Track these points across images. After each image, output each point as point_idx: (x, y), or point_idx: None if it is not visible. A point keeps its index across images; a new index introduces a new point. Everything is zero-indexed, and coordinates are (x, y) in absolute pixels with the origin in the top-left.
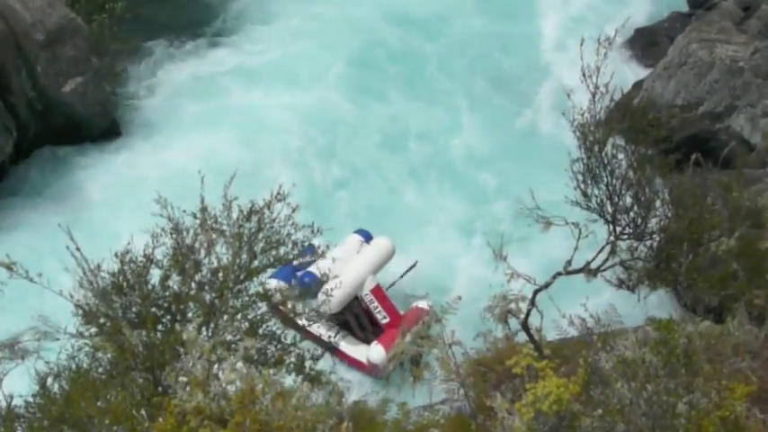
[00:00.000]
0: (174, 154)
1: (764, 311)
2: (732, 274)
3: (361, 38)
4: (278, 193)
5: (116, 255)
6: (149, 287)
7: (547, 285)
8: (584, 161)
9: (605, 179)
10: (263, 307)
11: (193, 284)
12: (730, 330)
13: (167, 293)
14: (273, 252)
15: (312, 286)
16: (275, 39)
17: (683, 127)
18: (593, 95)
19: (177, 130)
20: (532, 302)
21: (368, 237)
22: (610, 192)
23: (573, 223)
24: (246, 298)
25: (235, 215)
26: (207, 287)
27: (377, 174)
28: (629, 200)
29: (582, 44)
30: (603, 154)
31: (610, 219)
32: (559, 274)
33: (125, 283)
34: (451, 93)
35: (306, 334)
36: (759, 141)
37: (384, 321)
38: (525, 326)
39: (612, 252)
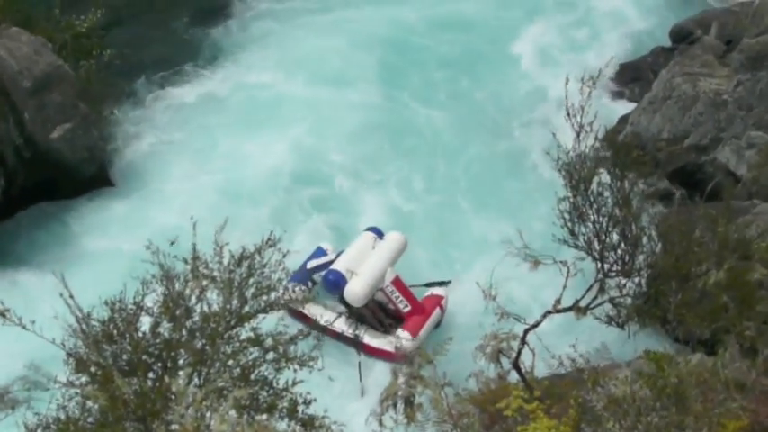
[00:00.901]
0: (165, 197)
1: (755, 343)
2: (722, 307)
3: (342, 67)
4: (269, 239)
5: (106, 302)
6: (140, 335)
7: (537, 324)
8: (571, 200)
9: (592, 217)
10: (255, 352)
11: (184, 331)
12: (722, 365)
13: (158, 340)
14: (264, 297)
15: (339, 282)
16: (259, 70)
17: (669, 160)
18: (578, 134)
19: (167, 171)
20: (523, 341)
21: (380, 233)
22: (597, 229)
23: (561, 261)
24: (238, 344)
25: (225, 261)
26: (198, 334)
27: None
28: (616, 237)
29: (567, 83)
30: (589, 192)
31: (597, 256)
32: (549, 312)
33: (115, 331)
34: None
35: (329, 333)
36: (745, 173)
37: (406, 310)
38: (516, 365)
39: (601, 290)
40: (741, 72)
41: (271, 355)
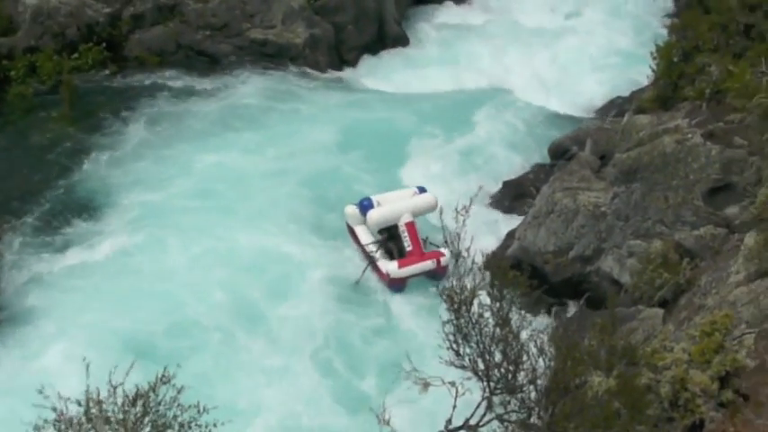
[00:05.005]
0: (57, 338)
1: None
2: (615, 413)
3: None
4: (163, 376)
5: None
6: None
7: None
8: (454, 322)
9: (475, 338)
10: None
11: None
12: None
13: None
14: None
15: (367, 207)
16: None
17: (556, 272)
18: (456, 260)
19: (56, 306)
20: None
21: (423, 191)
22: (481, 350)
23: (450, 382)
24: None
25: (120, 400)
26: None
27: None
28: (499, 356)
29: (441, 213)
30: (471, 314)
31: (483, 375)
32: None
33: None
34: None
35: (357, 242)
36: (627, 280)
37: (408, 249)
38: None
39: (489, 407)
40: (616, 185)
41: None
